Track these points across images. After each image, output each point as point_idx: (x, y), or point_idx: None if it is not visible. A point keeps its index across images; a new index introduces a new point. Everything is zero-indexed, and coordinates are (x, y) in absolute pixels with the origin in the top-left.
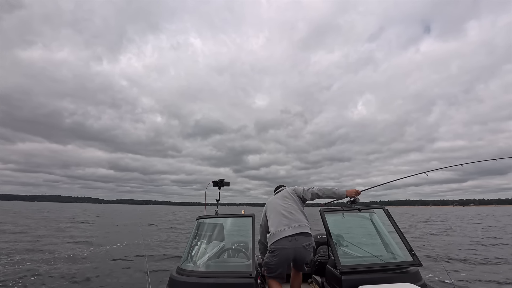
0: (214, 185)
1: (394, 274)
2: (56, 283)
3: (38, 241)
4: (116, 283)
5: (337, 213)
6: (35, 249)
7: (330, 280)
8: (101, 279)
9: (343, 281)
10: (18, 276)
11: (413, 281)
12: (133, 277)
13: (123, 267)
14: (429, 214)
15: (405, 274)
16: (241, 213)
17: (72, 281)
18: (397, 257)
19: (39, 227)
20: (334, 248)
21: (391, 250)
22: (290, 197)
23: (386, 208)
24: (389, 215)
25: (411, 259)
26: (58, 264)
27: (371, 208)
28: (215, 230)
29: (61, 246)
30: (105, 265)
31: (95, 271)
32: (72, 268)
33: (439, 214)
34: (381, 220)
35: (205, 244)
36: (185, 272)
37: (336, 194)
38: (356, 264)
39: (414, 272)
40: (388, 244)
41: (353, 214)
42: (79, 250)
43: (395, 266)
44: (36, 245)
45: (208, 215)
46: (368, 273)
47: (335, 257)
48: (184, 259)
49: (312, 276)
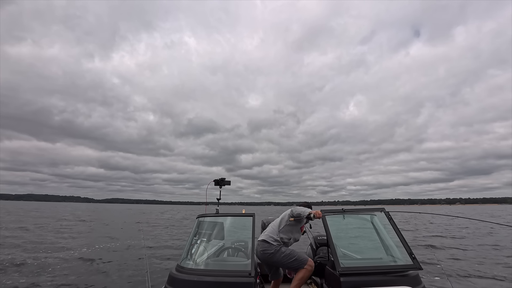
0: (215, 183)
1: (394, 277)
2: (56, 283)
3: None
4: (116, 281)
5: (337, 215)
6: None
7: (329, 282)
8: (102, 278)
9: (342, 282)
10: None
11: (412, 285)
12: (133, 275)
13: (123, 265)
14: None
15: (404, 277)
16: (241, 212)
17: (72, 281)
18: (397, 260)
19: (34, 227)
20: (334, 249)
21: (391, 253)
22: (282, 215)
23: (387, 211)
24: (390, 217)
25: (411, 262)
26: (58, 264)
27: (372, 210)
28: (215, 229)
29: (58, 245)
30: (106, 264)
31: (96, 271)
32: (72, 268)
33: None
34: (382, 223)
35: (205, 242)
36: (184, 270)
37: (301, 214)
38: (356, 266)
39: (414, 275)
40: (388, 247)
41: (353, 216)
42: (78, 250)
43: (394, 269)
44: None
45: (209, 213)
46: (368, 275)
47: (334, 258)
48: (183, 257)
49: (312, 277)
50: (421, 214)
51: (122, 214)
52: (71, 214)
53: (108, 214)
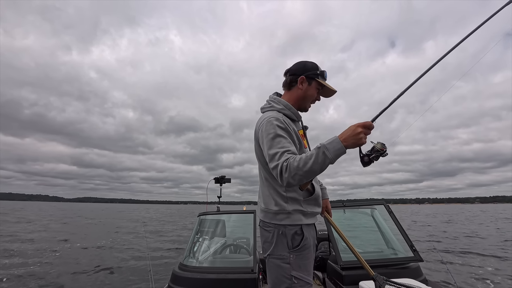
0: (216, 181)
1: (395, 269)
2: (56, 282)
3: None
4: (119, 280)
5: (338, 209)
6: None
7: (331, 276)
8: (104, 276)
9: (344, 276)
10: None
11: (414, 277)
12: (135, 274)
13: (125, 264)
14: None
15: (406, 270)
16: (242, 210)
17: (74, 279)
18: (398, 253)
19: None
20: (335, 243)
21: (392, 246)
22: None
23: (388, 204)
24: (390, 211)
25: (412, 254)
26: (58, 263)
27: (372, 204)
28: (217, 227)
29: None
30: (106, 264)
31: (97, 270)
32: (72, 268)
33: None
34: (382, 216)
35: (207, 240)
36: (187, 268)
37: None
38: (357, 260)
39: (415, 267)
40: (389, 240)
41: (354, 210)
42: (78, 249)
43: (396, 262)
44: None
45: (210, 211)
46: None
47: (336, 252)
48: (186, 255)
49: (314, 271)
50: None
51: (107, 213)
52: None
53: (90, 214)
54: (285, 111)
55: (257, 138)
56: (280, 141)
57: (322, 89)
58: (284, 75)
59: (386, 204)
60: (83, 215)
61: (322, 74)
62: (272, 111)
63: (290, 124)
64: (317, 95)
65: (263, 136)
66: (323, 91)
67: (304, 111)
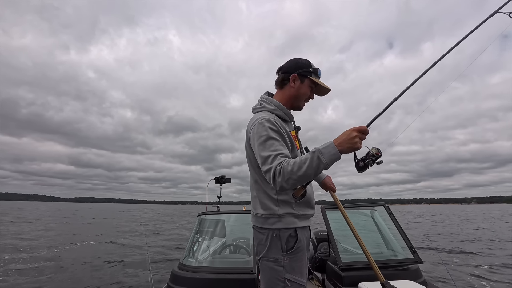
0: (216, 181)
1: (395, 271)
2: (56, 282)
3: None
4: (118, 279)
5: (338, 210)
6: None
7: (330, 277)
8: (104, 276)
9: (343, 277)
10: None
11: (413, 278)
12: (135, 273)
13: (125, 264)
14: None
15: (405, 271)
16: (242, 210)
17: (73, 279)
18: (397, 254)
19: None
20: (334, 244)
21: (391, 247)
22: None
23: (387, 206)
24: (390, 212)
25: (412, 256)
26: (58, 264)
27: (372, 205)
28: (216, 227)
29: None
30: (107, 264)
31: (96, 270)
32: (73, 267)
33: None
34: (382, 217)
35: (207, 240)
36: (187, 267)
37: None
38: (357, 261)
39: (414, 269)
40: (388, 241)
41: (354, 211)
42: (76, 250)
43: (395, 263)
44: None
45: (210, 211)
46: (369, 269)
47: (335, 253)
48: (185, 255)
49: (313, 272)
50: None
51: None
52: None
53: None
54: (277, 111)
55: (248, 139)
56: (272, 144)
57: (315, 87)
58: (277, 73)
59: (386, 205)
60: (80, 215)
61: (315, 71)
62: (264, 112)
63: (282, 125)
64: (310, 94)
65: (255, 139)
66: (317, 89)
67: (298, 109)
